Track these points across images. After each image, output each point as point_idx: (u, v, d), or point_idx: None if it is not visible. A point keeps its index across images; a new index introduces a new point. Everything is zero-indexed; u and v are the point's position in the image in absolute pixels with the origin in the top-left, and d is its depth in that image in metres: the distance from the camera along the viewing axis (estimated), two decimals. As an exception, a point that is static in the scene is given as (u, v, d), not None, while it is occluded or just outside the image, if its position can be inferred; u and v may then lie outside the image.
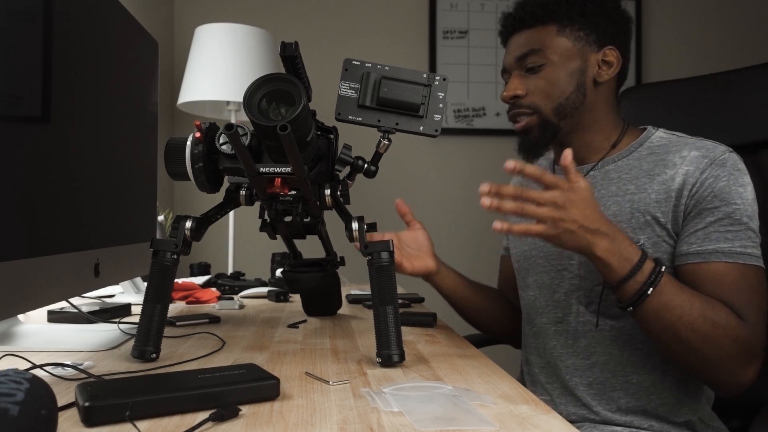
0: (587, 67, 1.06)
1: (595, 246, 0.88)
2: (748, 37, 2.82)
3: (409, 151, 2.66)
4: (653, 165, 1.02)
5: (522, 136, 1.09)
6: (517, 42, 1.08)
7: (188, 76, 2.16)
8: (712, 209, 0.95)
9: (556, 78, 1.05)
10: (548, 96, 1.05)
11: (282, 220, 0.95)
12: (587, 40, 1.05)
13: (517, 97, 1.07)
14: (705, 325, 0.89)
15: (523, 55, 1.06)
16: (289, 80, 0.72)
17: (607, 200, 1.04)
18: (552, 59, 1.04)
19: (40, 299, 0.75)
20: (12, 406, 0.40)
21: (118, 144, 1.01)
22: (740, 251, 0.93)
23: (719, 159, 0.97)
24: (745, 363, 0.91)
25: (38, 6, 0.75)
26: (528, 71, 1.06)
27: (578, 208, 0.88)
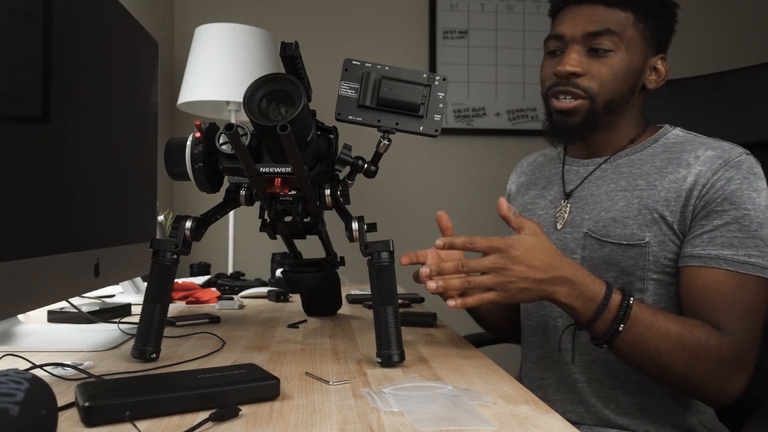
0: (644, 69, 1.03)
1: (556, 294, 0.86)
2: (748, 37, 2.82)
3: (409, 151, 2.66)
4: (666, 162, 0.99)
5: (561, 116, 1.02)
6: (590, 14, 1.00)
7: (188, 76, 2.16)
8: (720, 212, 0.92)
9: (620, 70, 0.99)
10: (606, 86, 0.99)
11: (282, 220, 0.95)
12: (651, 42, 1.02)
13: (574, 74, 1.00)
14: (684, 351, 0.87)
15: (598, 32, 0.98)
16: (289, 80, 0.72)
17: (616, 194, 1.02)
18: (623, 49, 0.99)
19: (40, 299, 0.75)
20: (12, 406, 0.40)
21: (118, 144, 1.01)
22: (743, 260, 0.90)
23: (734, 161, 0.94)
24: (731, 377, 0.89)
25: (38, 6, 0.75)
26: (591, 51, 1.00)
27: (523, 263, 0.84)
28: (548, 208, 1.12)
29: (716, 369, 0.88)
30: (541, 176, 1.18)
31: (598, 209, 1.03)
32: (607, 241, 1.00)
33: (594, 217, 1.03)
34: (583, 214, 1.05)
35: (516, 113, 2.73)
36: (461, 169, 2.73)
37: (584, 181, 1.07)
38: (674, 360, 0.88)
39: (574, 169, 1.11)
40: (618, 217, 1.00)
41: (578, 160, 1.11)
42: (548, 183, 1.15)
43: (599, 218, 1.02)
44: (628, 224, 0.99)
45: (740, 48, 2.80)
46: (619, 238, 0.99)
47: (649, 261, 0.98)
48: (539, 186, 1.17)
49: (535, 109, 2.73)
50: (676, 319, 0.90)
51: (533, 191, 1.17)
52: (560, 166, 1.14)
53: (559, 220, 1.08)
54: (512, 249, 0.84)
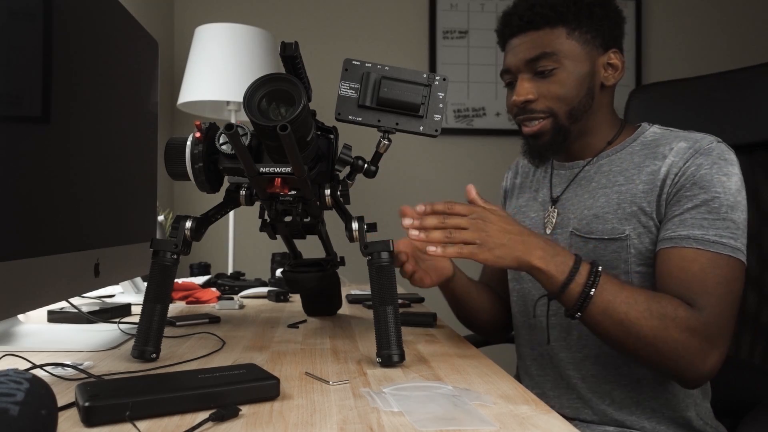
0: (595, 71, 1.05)
1: (531, 254, 0.88)
2: (749, 37, 2.82)
3: (409, 151, 2.66)
4: (644, 158, 1.03)
5: (531, 139, 1.07)
6: (524, 44, 1.04)
7: (188, 76, 2.16)
8: (690, 196, 0.95)
9: (569, 82, 1.03)
10: (562, 100, 1.03)
11: (282, 220, 0.95)
12: (594, 44, 1.04)
13: (529, 101, 1.05)
14: (652, 319, 0.88)
15: (534, 58, 1.03)
16: (289, 80, 0.72)
17: (596, 192, 1.05)
18: (564, 63, 1.03)
19: (40, 299, 0.75)
20: (12, 406, 0.40)
21: (118, 144, 1.01)
22: (714, 240, 0.92)
23: (705, 148, 0.97)
24: (703, 352, 0.89)
25: (38, 6, 0.75)
26: (537, 75, 1.04)
27: (499, 222, 0.89)
28: (539, 211, 1.15)
29: (685, 341, 0.88)
30: (534, 179, 1.21)
31: (581, 208, 1.07)
32: (591, 237, 1.03)
33: (578, 215, 1.06)
34: (569, 215, 1.08)
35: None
36: (461, 169, 2.73)
37: (569, 185, 1.11)
38: (644, 328, 0.88)
39: (561, 173, 1.14)
40: (599, 213, 1.03)
41: (563, 164, 1.14)
42: (538, 186, 1.19)
43: (582, 216, 1.06)
44: (609, 219, 1.01)
45: (740, 48, 2.80)
46: (601, 233, 1.02)
47: (631, 254, 1.00)
48: (531, 189, 1.20)
49: (535, 109, 2.72)
50: (644, 290, 0.91)
51: (526, 194, 1.21)
52: (548, 170, 1.18)
53: (548, 225, 1.11)
54: (490, 212, 0.90)
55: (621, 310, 0.88)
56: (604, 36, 1.05)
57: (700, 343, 0.89)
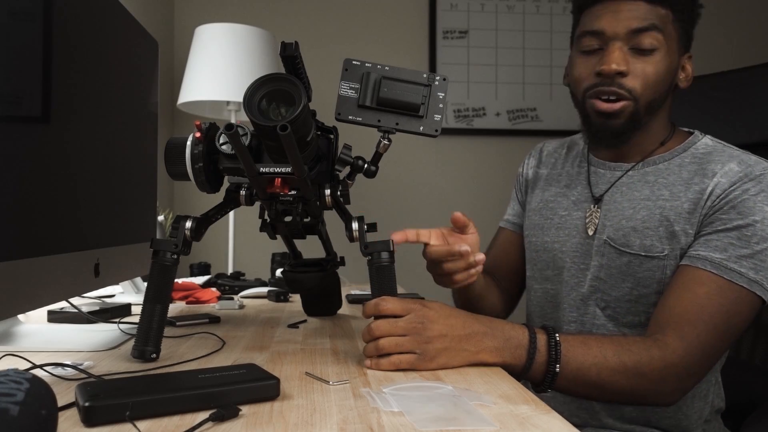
0: (678, 68, 1.00)
1: (480, 353, 0.78)
2: (749, 37, 2.82)
3: (409, 151, 2.66)
4: (693, 174, 0.96)
5: (602, 118, 0.98)
6: (633, 11, 0.95)
7: (188, 76, 2.16)
8: (725, 219, 0.90)
9: (662, 68, 0.96)
10: (650, 86, 0.96)
11: (282, 220, 0.95)
12: (682, 41, 0.99)
13: (620, 74, 0.95)
14: (626, 373, 0.83)
15: (643, 28, 0.94)
16: (289, 80, 0.72)
17: (638, 203, 0.99)
18: (664, 48, 0.95)
19: (40, 299, 0.75)
20: (12, 406, 0.40)
21: (118, 144, 1.01)
22: (731, 267, 0.87)
23: (756, 174, 0.91)
24: (680, 383, 0.86)
25: (38, 6, 0.75)
26: (634, 50, 0.95)
27: (440, 322, 0.77)
28: (571, 209, 1.08)
29: (662, 381, 0.85)
30: (564, 173, 1.13)
31: (619, 217, 1.00)
32: (626, 251, 0.98)
33: (615, 225, 1.00)
34: (605, 221, 1.02)
35: (516, 113, 2.73)
36: (461, 169, 2.73)
37: (609, 188, 1.04)
38: (618, 384, 0.84)
39: (600, 172, 1.07)
40: (638, 227, 0.97)
41: (605, 163, 1.07)
42: (571, 182, 1.11)
43: (620, 226, 0.99)
44: (649, 235, 0.96)
45: (740, 48, 2.80)
46: (638, 249, 0.97)
47: (666, 275, 0.95)
48: (561, 184, 1.12)
49: (534, 109, 2.73)
50: (610, 341, 0.85)
51: (554, 188, 1.13)
52: (585, 166, 1.10)
53: (590, 226, 1.04)
54: (428, 309, 0.78)
55: (592, 372, 0.83)
56: (689, 36, 1.00)
57: (677, 376, 0.86)
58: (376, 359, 0.76)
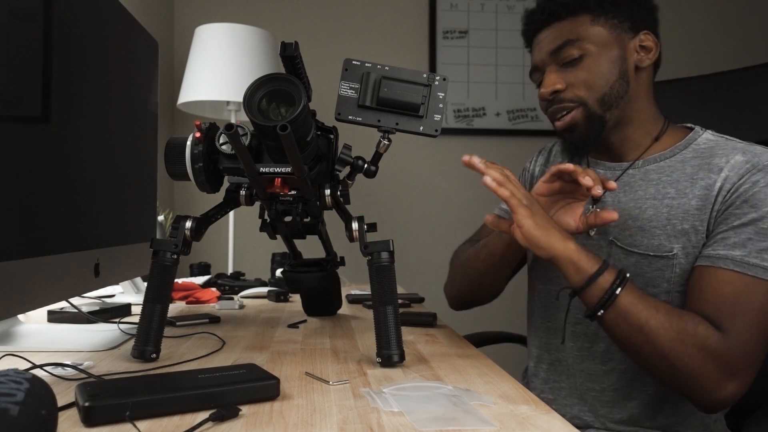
0: (627, 54, 1.01)
1: (565, 244, 0.88)
2: (748, 37, 2.82)
3: (409, 151, 2.66)
4: (697, 169, 0.97)
5: (566, 134, 1.03)
6: (548, 36, 1.03)
7: (188, 76, 2.16)
8: (738, 214, 0.90)
9: (597, 67, 1.00)
10: (591, 87, 1.00)
11: (282, 220, 0.95)
12: (622, 28, 1.01)
13: (557, 92, 1.01)
14: (671, 330, 0.85)
15: (558, 47, 1.01)
16: (289, 80, 0.72)
17: (644, 203, 0.99)
18: (590, 49, 1.00)
19: (40, 299, 0.75)
20: (12, 406, 0.40)
21: (118, 144, 1.01)
22: (754, 263, 0.87)
23: (762, 164, 0.91)
24: (720, 378, 0.85)
25: (38, 6, 0.75)
26: (564, 66, 1.01)
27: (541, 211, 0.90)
28: None
29: (701, 360, 0.84)
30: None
31: (625, 217, 1.00)
32: (634, 251, 0.98)
33: (620, 225, 1.01)
34: None
35: (516, 113, 2.73)
36: (461, 169, 2.71)
37: None
38: (661, 338, 0.85)
39: (599, 172, 1.07)
40: (645, 227, 0.98)
41: (604, 163, 1.08)
42: None
43: (626, 227, 1.00)
44: (656, 234, 0.96)
45: (740, 48, 2.80)
46: (646, 249, 0.97)
47: (676, 273, 0.95)
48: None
49: (534, 109, 2.73)
50: (665, 304, 0.88)
51: None
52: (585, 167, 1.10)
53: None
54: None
55: (642, 315, 0.86)
56: (633, 20, 1.02)
57: (717, 367, 0.85)
58: (498, 183, 0.87)
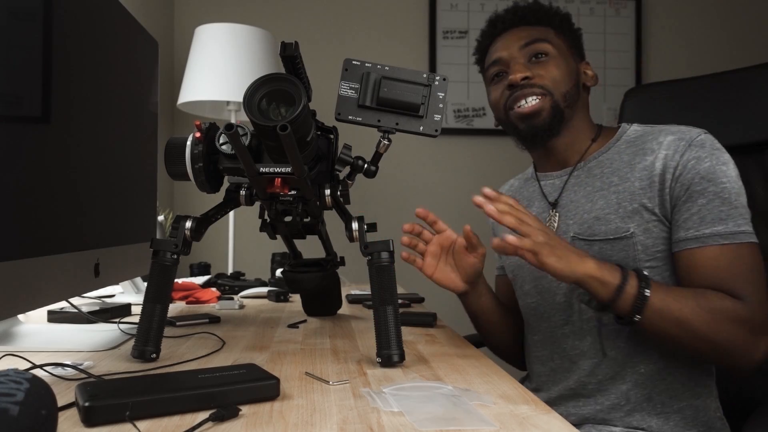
0: (579, 70, 1.12)
1: (586, 264, 0.90)
2: (748, 37, 2.82)
3: (409, 151, 2.66)
4: (633, 155, 1.04)
5: (529, 119, 1.07)
6: (519, 33, 1.10)
7: (188, 76, 2.16)
8: (701, 191, 0.96)
9: (561, 68, 1.08)
10: (557, 81, 1.07)
11: (282, 220, 0.95)
12: (573, 51, 1.12)
13: (527, 78, 1.07)
14: (703, 313, 0.90)
15: (531, 41, 1.08)
16: (289, 80, 0.72)
17: (593, 195, 1.06)
18: (555, 53, 1.08)
19: (40, 299, 0.75)
20: (12, 406, 0.40)
21: (118, 144, 1.01)
22: (735, 230, 0.94)
23: (696, 140, 0.98)
24: (754, 339, 0.91)
25: (38, 6, 0.75)
26: (532, 60, 1.08)
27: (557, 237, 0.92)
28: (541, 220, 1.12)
29: (736, 331, 0.90)
30: (522, 197, 1.21)
31: (581, 212, 1.07)
32: (595, 239, 1.03)
33: (578, 220, 1.06)
34: (568, 220, 1.08)
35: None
36: (461, 169, 2.73)
37: (563, 190, 1.11)
38: (697, 323, 0.90)
39: (549, 183, 1.15)
40: (600, 215, 1.03)
41: (550, 174, 1.15)
42: (529, 202, 1.19)
43: (583, 220, 1.06)
44: (611, 219, 1.02)
45: (740, 48, 2.80)
46: (605, 234, 1.02)
47: (638, 250, 1.00)
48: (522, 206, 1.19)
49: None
50: (686, 288, 0.94)
51: None
52: (536, 184, 1.18)
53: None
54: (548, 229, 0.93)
55: (674, 308, 0.90)
56: (578, 47, 1.13)
57: (749, 332, 0.91)
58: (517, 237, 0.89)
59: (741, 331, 0.91)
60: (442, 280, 1.08)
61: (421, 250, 1.08)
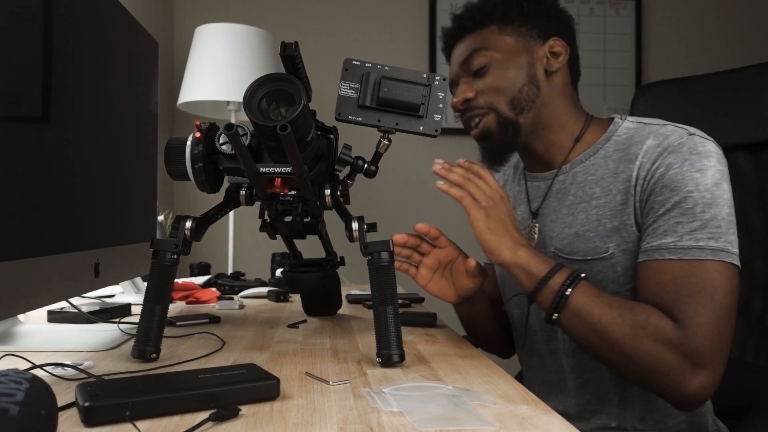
0: (535, 59, 1.03)
1: (516, 250, 0.90)
2: (749, 37, 2.82)
3: (409, 151, 2.66)
4: (618, 162, 0.96)
5: (483, 142, 1.04)
6: (459, 49, 1.06)
7: (188, 76, 2.16)
8: (662, 201, 0.88)
9: (503, 73, 1.01)
10: (499, 91, 1.01)
11: (282, 220, 0.95)
12: (530, 35, 1.03)
13: (467, 100, 1.04)
14: (624, 326, 0.84)
15: (467, 57, 1.04)
16: (289, 80, 0.72)
17: (575, 207, 1.00)
18: (496, 57, 1.02)
19: (40, 299, 0.75)
20: (12, 406, 0.40)
21: (118, 144, 1.01)
22: (688, 245, 0.84)
23: (673, 145, 0.90)
24: (686, 369, 0.82)
25: (38, 6, 0.75)
26: (475, 75, 1.04)
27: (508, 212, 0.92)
28: (521, 228, 1.08)
29: (659, 353, 0.82)
30: (511, 194, 1.17)
31: (562, 225, 1.01)
32: (574, 258, 0.98)
33: (558, 234, 1.01)
34: (550, 233, 1.03)
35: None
36: (461, 169, 2.72)
37: (546, 197, 1.06)
38: (615, 334, 0.84)
39: (535, 185, 1.09)
40: (580, 232, 0.98)
41: (537, 175, 1.09)
42: (516, 202, 1.14)
43: (564, 235, 1.00)
44: (590, 237, 0.96)
45: (740, 48, 2.80)
46: (584, 254, 0.97)
47: (618, 272, 0.94)
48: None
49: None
50: (619, 299, 0.88)
51: None
52: (523, 183, 1.13)
53: (531, 242, 1.04)
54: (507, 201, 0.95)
55: (594, 314, 0.86)
56: (540, 28, 1.04)
57: (678, 358, 0.82)
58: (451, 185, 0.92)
59: (667, 355, 0.82)
60: (436, 291, 1.04)
61: (415, 260, 1.03)
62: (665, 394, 0.87)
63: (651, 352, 0.83)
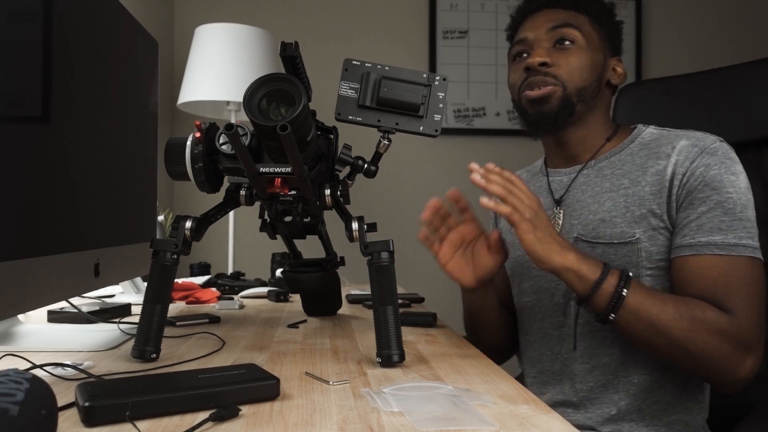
0: (606, 65, 1.08)
1: (565, 255, 0.90)
2: (748, 34, 2.82)
3: (409, 151, 2.66)
4: (646, 158, 1.02)
5: (539, 104, 1.05)
6: (550, 15, 1.06)
7: (188, 76, 2.16)
8: (704, 198, 0.94)
9: (585, 60, 1.04)
10: (575, 74, 1.04)
11: (282, 220, 0.95)
12: (607, 44, 1.08)
13: (544, 64, 1.04)
14: (683, 321, 0.88)
15: (560, 24, 1.04)
16: (289, 80, 0.72)
17: (602, 197, 1.04)
18: (582, 42, 1.04)
19: (40, 299, 0.75)
20: (12, 406, 0.40)
21: (118, 144, 1.01)
22: (734, 242, 0.91)
23: (710, 147, 0.96)
24: (738, 356, 0.89)
25: (38, 6, 0.75)
26: (556, 47, 1.05)
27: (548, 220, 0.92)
28: None
29: (716, 343, 0.88)
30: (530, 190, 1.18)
31: (586, 213, 1.05)
32: (599, 242, 1.01)
33: (582, 221, 1.04)
34: (572, 220, 1.06)
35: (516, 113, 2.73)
36: (461, 169, 2.71)
37: (569, 188, 1.09)
38: (674, 330, 0.88)
39: (557, 179, 1.13)
40: (606, 218, 1.01)
41: (560, 170, 1.13)
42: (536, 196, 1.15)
43: (588, 221, 1.04)
44: (617, 223, 1.00)
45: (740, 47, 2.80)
46: (609, 238, 1.00)
47: (642, 257, 0.98)
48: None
49: (535, 109, 2.73)
50: (670, 295, 0.92)
51: None
52: (544, 179, 1.16)
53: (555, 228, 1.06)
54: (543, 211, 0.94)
55: (652, 312, 0.89)
56: (613, 41, 1.09)
57: (732, 346, 0.88)
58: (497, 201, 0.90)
59: (723, 344, 0.88)
60: (454, 272, 1.03)
61: (441, 234, 1.04)
62: (719, 380, 0.92)
63: (710, 343, 0.88)
